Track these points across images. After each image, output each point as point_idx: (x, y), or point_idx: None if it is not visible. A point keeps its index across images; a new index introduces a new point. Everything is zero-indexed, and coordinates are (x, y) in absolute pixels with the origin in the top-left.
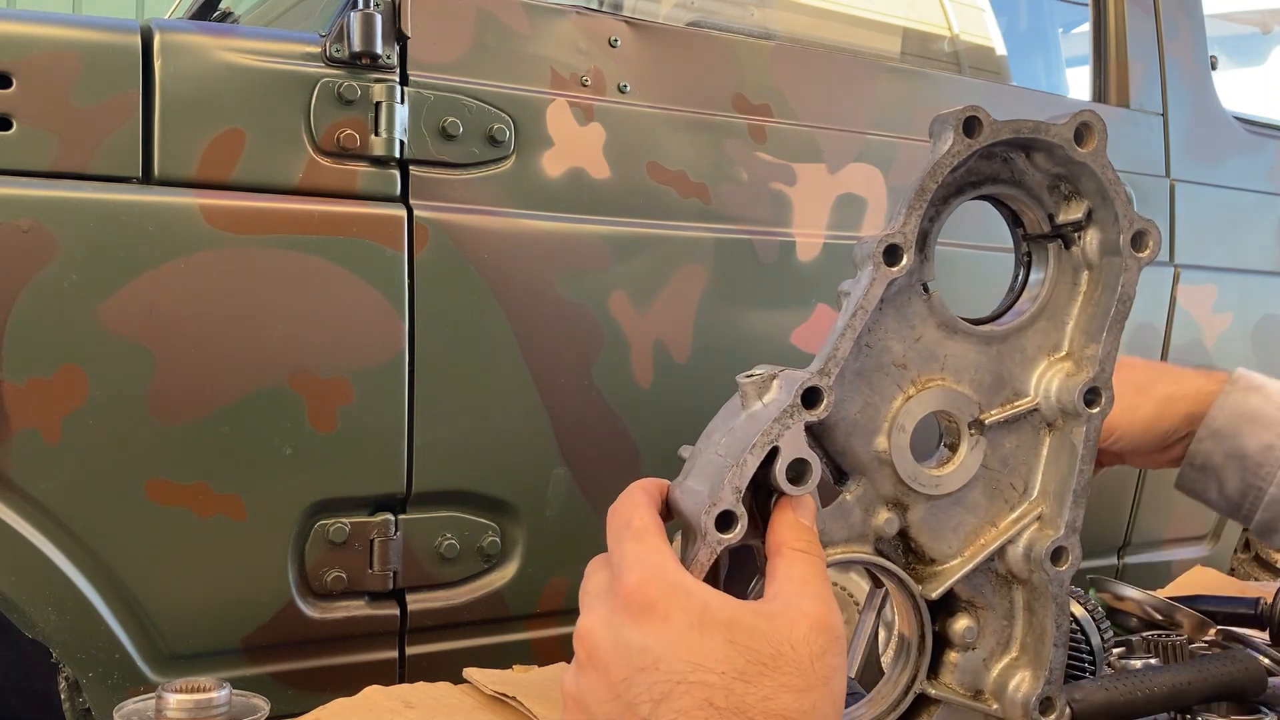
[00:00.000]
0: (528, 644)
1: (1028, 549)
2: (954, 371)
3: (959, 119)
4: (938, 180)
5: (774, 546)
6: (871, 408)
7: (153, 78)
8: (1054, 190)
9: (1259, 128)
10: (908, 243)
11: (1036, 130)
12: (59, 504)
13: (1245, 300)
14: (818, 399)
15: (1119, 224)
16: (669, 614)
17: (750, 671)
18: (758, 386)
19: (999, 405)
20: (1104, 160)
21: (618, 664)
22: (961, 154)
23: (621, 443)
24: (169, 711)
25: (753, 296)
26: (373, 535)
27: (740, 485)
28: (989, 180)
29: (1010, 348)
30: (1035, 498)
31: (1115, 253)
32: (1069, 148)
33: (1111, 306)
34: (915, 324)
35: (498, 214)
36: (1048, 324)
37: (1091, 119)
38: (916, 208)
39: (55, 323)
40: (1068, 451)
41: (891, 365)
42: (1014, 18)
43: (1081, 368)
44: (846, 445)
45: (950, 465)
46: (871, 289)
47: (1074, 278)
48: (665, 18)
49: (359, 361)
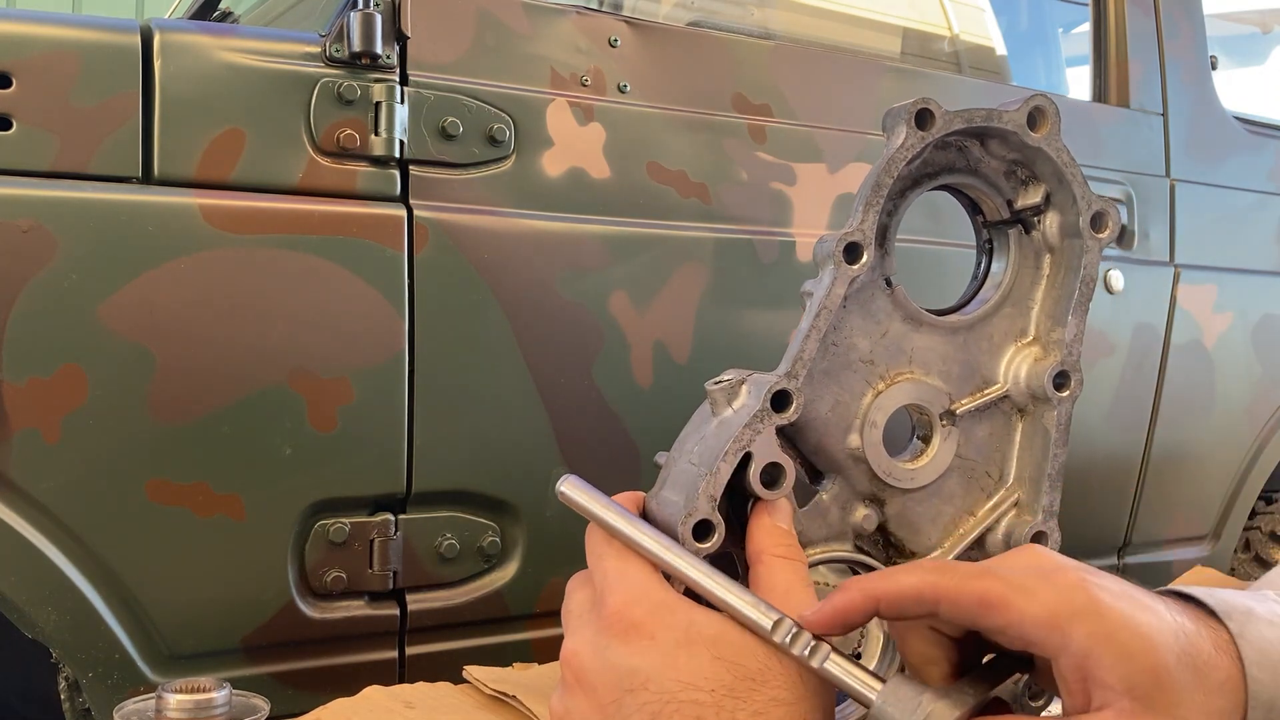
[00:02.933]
0: (528, 644)
1: (1007, 535)
2: (922, 364)
3: (910, 112)
4: (893, 175)
5: (754, 554)
6: (842, 406)
7: (152, 78)
8: (1011, 176)
9: (1259, 128)
10: (867, 239)
11: (989, 119)
12: (59, 504)
13: (1245, 300)
14: (787, 402)
15: (1077, 206)
16: (655, 633)
17: (739, 688)
18: (726, 393)
19: (969, 394)
20: (1058, 143)
21: (606, 686)
22: (915, 147)
23: (621, 443)
24: (169, 711)
25: (753, 297)
26: (373, 535)
27: (715, 494)
28: (945, 170)
29: (977, 336)
30: (1011, 484)
31: (1076, 234)
32: (1022, 133)
33: (1075, 289)
34: (880, 319)
35: (498, 214)
36: (1013, 310)
37: (1043, 103)
38: (873, 204)
39: (55, 323)
40: (1040, 436)
41: (859, 362)
42: (1014, 18)
43: (1049, 352)
44: (819, 445)
45: (924, 458)
46: (834, 288)
47: (1036, 262)
48: (665, 18)
49: (359, 361)
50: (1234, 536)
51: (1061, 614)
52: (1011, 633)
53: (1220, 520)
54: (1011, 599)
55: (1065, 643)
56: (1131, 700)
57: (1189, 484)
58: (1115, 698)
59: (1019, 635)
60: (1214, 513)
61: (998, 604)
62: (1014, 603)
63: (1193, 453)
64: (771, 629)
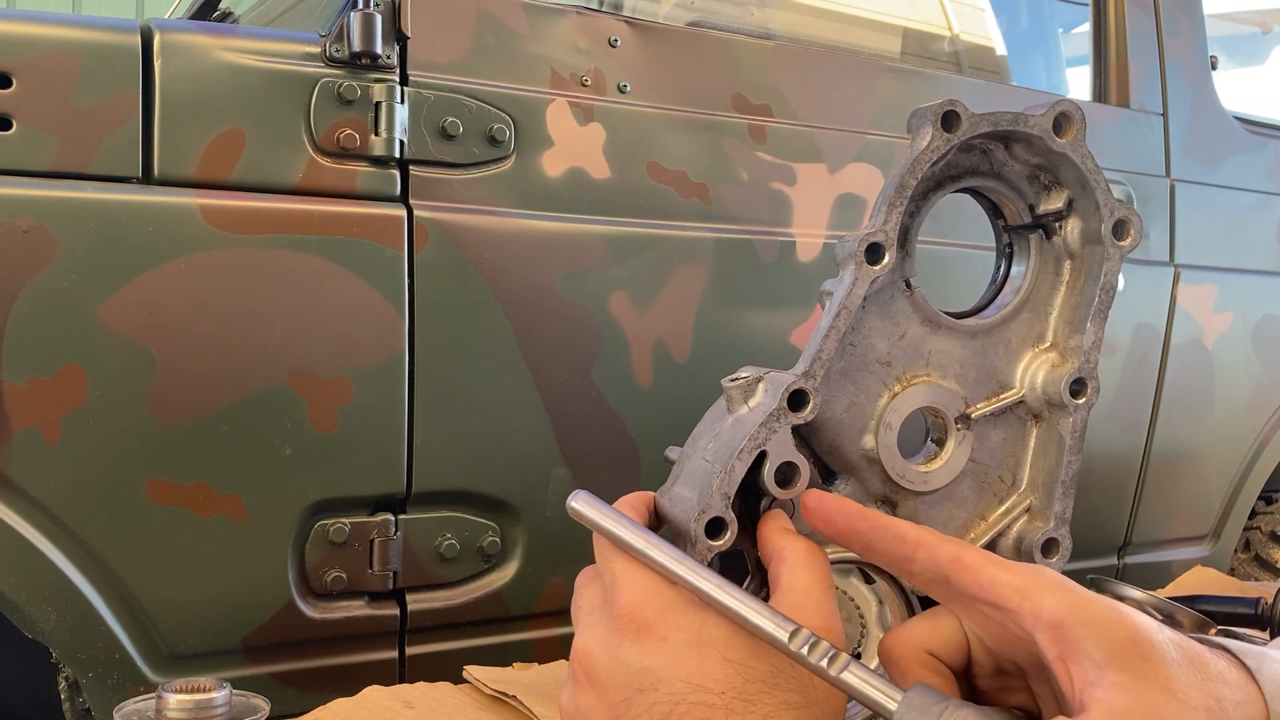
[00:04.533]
0: (528, 644)
1: (1018, 541)
2: (939, 367)
3: (937, 113)
4: (917, 176)
5: (772, 553)
6: (858, 406)
7: (153, 78)
8: (1034, 181)
9: (1259, 128)
10: (889, 240)
11: (1015, 122)
12: (59, 504)
13: (1245, 300)
14: (804, 401)
15: (1100, 213)
16: (666, 634)
17: (750, 691)
18: (743, 390)
19: (985, 399)
20: (1083, 149)
21: (617, 685)
22: (941, 148)
23: (621, 443)
24: (169, 711)
25: (753, 296)
26: (373, 535)
27: (729, 491)
28: (969, 173)
29: (994, 341)
30: (1024, 490)
31: (1097, 241)
32: (1048, 138)
33: (1095, 296)
34: (899, 321)
35: (498, 214)
36: (1031, 315)
37: (1069, 108)
38: (897, 205)
39: (55, 323)
40: (1055, 443)
41: (876, 363)
42: (1014, 18)
43: (1066, 358)
44: (834, 445)
45: (938, 461)
46: (854, 288)
47: (1056, 268)
48: (665, 18)
49: (359, 361)
50: (1234, 536)
51: (1033, 585)
52: (985, 596)
53: (1220, 520)
54: (986, 565)
55: (1037, 610)
56: (1116, 672)
57: (1189, 484)
58: (1098, 671)
59: (992, 599)
60: (1214, 512)
61: (972, 566)
62: (988, 568)
63: (1193, 452)
64: (788, 639)
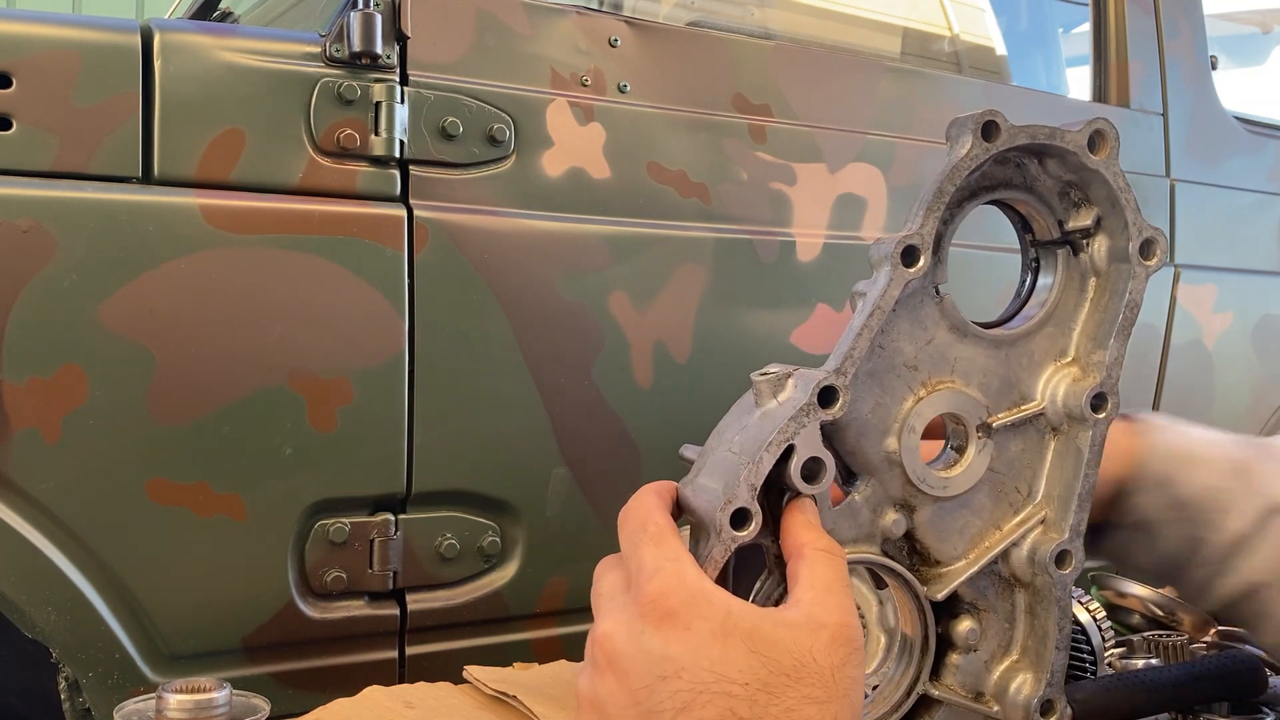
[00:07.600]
0: (528, 644)
1: (1032, 552)
2: (963, 374)
3: (978, 123)
4: (955, 183)
5: (794, 547)
6: (883, 408)
7: (153, 78)
8: (1064, 196)
9: (1259, 128)
10: (925, 244)
11: (1052, 136)
12: (59, 504)
13: (1245, 300)
14: (834, 398)
15: (1128, 231)
16: (691, 622)
17: (774, 683)
18: (772, 385)
19: (1006, 409)
20: (1116, 168)
21: (639, 671)
22: (979, 157)
23: (621, 443)
24: (169, 711)
25: (753, 296)
26: (373, 535)
27: (756, 482)
28: (1002, 185)
29: (1018, 352)
30: (1040, 501)
31: (1124, 260)
32: (1082, 155)
33: (1119, 313)
34: (928, 326)
35: (498, 214)
36: (1055, 329)
37: (1105, 127)
38: (935, 210)
39: (55, 323)
40: (1073, 456)
41: (903, 367)
42: (1014, 18)
43: (1088, 373)
44: (857, 445)
45: (958, 467)
46: (889, 289)
47: (1081, 284)
48: (665, 18)
49: (359, 361)
50: None
51: None
52: None
53: None
54: None
55: None
56: None
57: None
58: None
59: None
60: None
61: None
62: None
63: None
64: None
